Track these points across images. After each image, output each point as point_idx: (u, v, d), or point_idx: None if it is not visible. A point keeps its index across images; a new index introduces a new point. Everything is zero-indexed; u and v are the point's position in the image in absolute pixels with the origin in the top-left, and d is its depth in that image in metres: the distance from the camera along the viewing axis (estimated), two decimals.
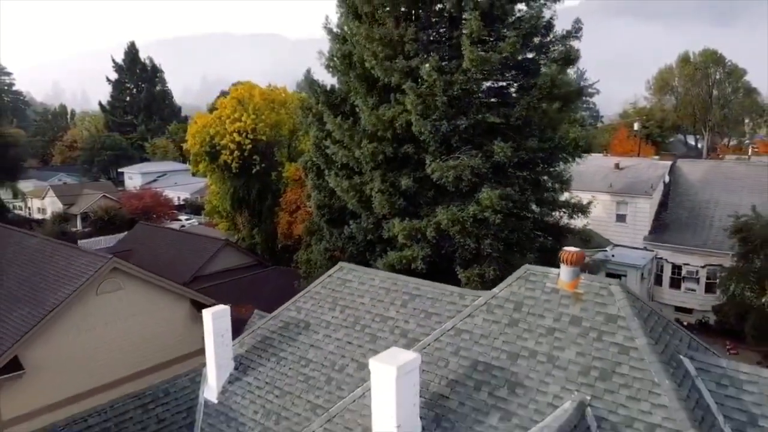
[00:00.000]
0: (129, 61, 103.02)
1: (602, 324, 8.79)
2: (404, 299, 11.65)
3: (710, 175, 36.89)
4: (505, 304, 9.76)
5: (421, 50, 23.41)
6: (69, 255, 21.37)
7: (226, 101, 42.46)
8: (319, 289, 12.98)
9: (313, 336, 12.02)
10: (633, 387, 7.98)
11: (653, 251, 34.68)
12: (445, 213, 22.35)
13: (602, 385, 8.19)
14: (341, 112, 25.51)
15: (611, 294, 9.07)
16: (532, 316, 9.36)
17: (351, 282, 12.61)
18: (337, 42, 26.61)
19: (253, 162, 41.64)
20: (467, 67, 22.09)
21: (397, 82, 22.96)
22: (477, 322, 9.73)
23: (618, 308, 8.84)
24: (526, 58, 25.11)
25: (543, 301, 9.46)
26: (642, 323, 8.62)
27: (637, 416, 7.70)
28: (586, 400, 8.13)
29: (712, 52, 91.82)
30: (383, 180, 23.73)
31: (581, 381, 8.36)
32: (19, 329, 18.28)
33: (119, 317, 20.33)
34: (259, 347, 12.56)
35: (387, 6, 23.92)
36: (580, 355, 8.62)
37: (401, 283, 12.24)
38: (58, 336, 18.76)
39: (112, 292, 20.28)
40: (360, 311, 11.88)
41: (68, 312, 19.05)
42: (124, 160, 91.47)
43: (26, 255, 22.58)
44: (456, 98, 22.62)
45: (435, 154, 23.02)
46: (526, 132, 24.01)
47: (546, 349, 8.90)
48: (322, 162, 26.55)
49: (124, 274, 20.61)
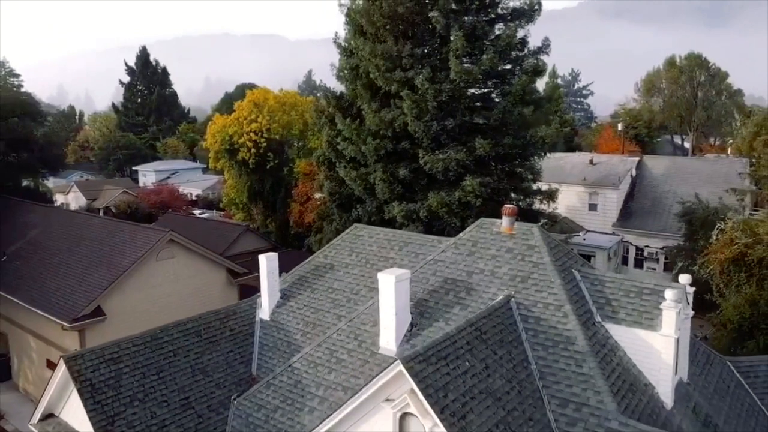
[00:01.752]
0: (141, 65, 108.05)
1: (525, 250, 13.75)
2: (400, 245, 16.67)
3: (671, 169, 41.96)
4: (466, 243, 14.74)
5: (415, 63, 28.37)
6: (131, 230, 26.46)
7: (244, 104, 47.41)
8: (339, 242, 18.01)
9: (336, 273, 17.01)
10: (538, 285, 12.93)
11: (620, 236, 39.72)
12: (436, 197, 27.44)
13: (521, 285, 13.14)
14: (349, 114, 30.55)
15: (532, 233, 14.08)
16: (483, 249, 14.34)
17: (363, 236, 17.64)
18: (345, 55, 31.68)
19: (267, 158, 46.60)
20: (454, 78, 27.16)
21: (396, 90, 27.98)
22: (447, 255, 14.73)
23: (535, 241, 13.82)
24: (505, 69, 30.18)
25: (490, 239, 14.44)
26: (549, 250, 13.58)
27: (539, 300, 12.66)
28: (511, 294, 13.08)
29: (696, 56, 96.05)
30: (384, 171, 28.75)
31: (509, 284, 13.31)
32: (100, 285, 23.33)
33: (172, 278, 25.29)
34: (296, 283, 17.54)
35: (387, 26, 28.88)
36: (510, 269, 13.58)
37: (398, 235, 17.31)
38: (129, 291, 23.76)
39: (167, 259, 25.32)
40: (369, 255, 16.86)
41: (136, 273, 24.07)
42: (137, 158, 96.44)
43: (94, 232, 27.63)
44: (445, 103, 27.66)
45: (427, 149, 28.08)
46: (503, 131, 29.05)
47: (490, 267, 13.87)
48: (333, 156, 31.59)
49: (177, 245, 25.67)
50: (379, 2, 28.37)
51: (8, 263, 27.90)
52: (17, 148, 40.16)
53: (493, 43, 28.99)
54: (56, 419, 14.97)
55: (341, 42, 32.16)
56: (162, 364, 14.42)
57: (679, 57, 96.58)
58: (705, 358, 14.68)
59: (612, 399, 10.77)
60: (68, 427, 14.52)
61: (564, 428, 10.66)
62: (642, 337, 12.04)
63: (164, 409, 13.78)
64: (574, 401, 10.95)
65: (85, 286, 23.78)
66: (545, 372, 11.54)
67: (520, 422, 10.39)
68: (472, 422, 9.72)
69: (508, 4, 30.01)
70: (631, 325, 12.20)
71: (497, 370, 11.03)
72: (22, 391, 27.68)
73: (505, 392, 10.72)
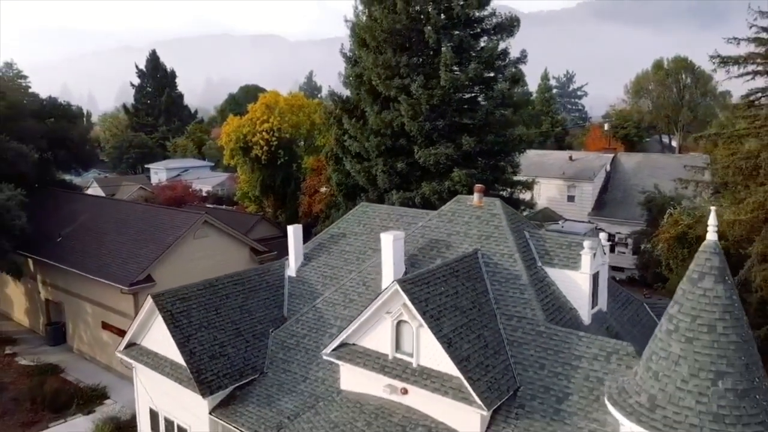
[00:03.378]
0: (151, 68, 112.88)
1: (489, 218, 18.54)
2: (397, 217, 21.48)
3: (641, 165, 46.83)
4: (447, 213, 19.53)
5: (411, 72, 33.16)
6: (171, 214, 31.31)
7: (257, 106, 52.16)
8: (349, 217, 22.85)
9: (347, 239, 21.81)
10: (498, 240, 17.68)
11: (594, 224, 44.55)
12: (428, 186, 32.28)
13: (485, 241, 17.91)
14: (354, 115, 35.39)
15: (495, 205, 18.88)
16: (459, 217, 19.14)
17: (368, 212, 22.48)
18: (350, 64, 36.52)
19: (278, 155, 51.34)
20: (444, 85, 31.99)
21: (395, 95, 32.81)
22: (433, 222, 19.54)
23: (497, 211, 18.63)
24: (488, 76, 35.03)
25: (464, 210, 19.22)
26: (506, 217, 18.34)
27: (497, 251, 17.43)
28: (478, 248, 17.86)
29: (682, 59, 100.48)
30: (384, 164, 33.58)
31: (477, 241, 18.07)
32: (149, 257, 28.15)
33: (206, 254, 29.96)
34: (316, 248, 22.32)
35: (387, 40, 33.66)
36: (478, 231, 18.34)
37: (396, 210, 22.18)
38: (172, 262, 28.50)
39: (202, 238, 30.13)
40: (373, 225, 21.65)
41: (178, 248, 28.87)
42: (149, 157, 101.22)
43: (138, 216, 32.47)
44: (436, 106, 32.50)
45: (421, 145, 32.92)
46: (487, 130, 33.94)
47: (464, 230, 18.65)
48: (340, 152, 36.43)
49: (210, 226, 30.50)
50: (380, 20, 33.22)
51: (64, 243, 32.72)
52: (55, 146, 44.90)
53: (478, 54, 33.88)
54: (137, 346, 19.82)
55: (347, 52, 37.05)
56: (218, 303, 19.25)
57: (667, 60, 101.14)
58: (625, 299, 19.56)
59: (543, 314, 15.60)
60: (148, 350, 19.37)
61: (509, 333, 15.49)
62: (568, 275, 16.89)
63: (222, 334, 18.61)
64: (517, 316, 15.78)
65: (136, 258, 28.60)
66: (498, 298, 16.36)
67: (478, 327, 15.22)
68: (444, 323, 14.53)
69: (492, 21, 34.94)
70: (561, 267, 17.04)
71: (464, 294, 15.86)
72: (76, 352, 32.50)
73: (469, 308, 15.54)
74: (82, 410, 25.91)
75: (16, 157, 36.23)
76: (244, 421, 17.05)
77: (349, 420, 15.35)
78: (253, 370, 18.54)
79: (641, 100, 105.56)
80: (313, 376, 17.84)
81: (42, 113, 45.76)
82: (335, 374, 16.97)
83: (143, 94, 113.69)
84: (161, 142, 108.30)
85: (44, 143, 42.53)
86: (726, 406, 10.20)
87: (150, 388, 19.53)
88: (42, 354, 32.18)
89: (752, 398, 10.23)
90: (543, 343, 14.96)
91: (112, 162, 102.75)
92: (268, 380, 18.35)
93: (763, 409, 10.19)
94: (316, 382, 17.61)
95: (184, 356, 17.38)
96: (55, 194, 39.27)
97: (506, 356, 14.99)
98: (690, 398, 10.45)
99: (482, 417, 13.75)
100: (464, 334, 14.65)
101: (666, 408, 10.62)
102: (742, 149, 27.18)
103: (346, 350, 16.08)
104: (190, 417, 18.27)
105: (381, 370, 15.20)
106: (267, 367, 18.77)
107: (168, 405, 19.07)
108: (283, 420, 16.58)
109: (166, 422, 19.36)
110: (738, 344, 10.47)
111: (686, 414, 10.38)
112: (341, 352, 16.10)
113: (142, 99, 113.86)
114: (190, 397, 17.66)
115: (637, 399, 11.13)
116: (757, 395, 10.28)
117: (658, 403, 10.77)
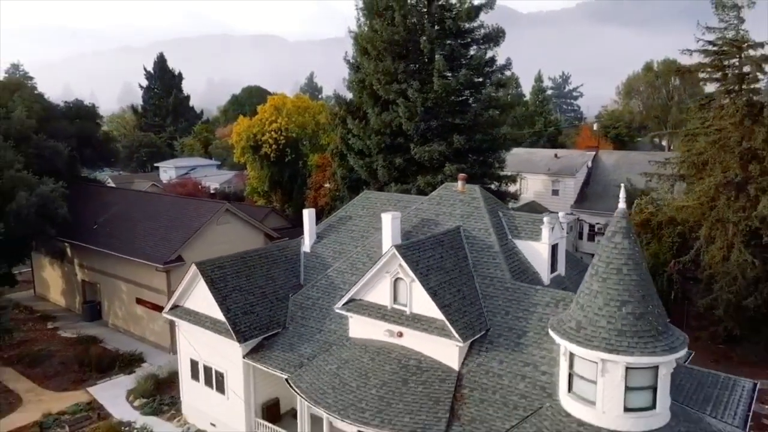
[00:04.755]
0: (159, 70, 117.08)
1: (470, 200, 22.64)
2: (395, 202, 25.61)
3: (620, 161, 50.96)
4: (435, 197, 23.64)
5: (408, 78, 37.28)
6: (197, 203, 35.48)
7: (266, 108, 56.32)
8: (354, 202, 26.99)
9: (353, 221, 25.93)
10: (476, 218, 21.80)
11: (576, 215, 48.69)
12: (423, 180, 36.40)
13: (466, 220, 22.01)
14: (357, 116, 39.52)
15: (475, 191, 23.01)
16: (445, 200, 23.24)
17: (370, 198, 26.64)
18: (353, 70, 40.68)
19: (285, 153, 55.50)
20: (437, 89, 36.12)
21: (393, 98, 36.94)
22: (424, 205, 23.66)
23: (476, 195, 22.77)
24: (477, 81, 39.18)
25: (450, 194, 23.33)
26: (484, 200, 22.45)
27: (476, 227, 21.55)
28: (461, 225, 21.99)
29: (671, 61, 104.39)
30: (384, 160, 37.71)
31: (460, 220, 22.13)
32: (180, 240, 32.26)
33: (227, 239, 33.92)
34: (327, 228, 26.41)
35: (386, 49, 37.77)
36: (461, 211, 22.43)
37: (394, 196, 26.37)
38: (198, 246, 32.53)
39: (224, 224, 34.24)
40: (375, 208, 25.73)
41: (204, 232, 32.96)
42: (157, 156, 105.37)
43: (167, 206, 36.62)
44: (430, 108, 36.64)
45: (417, 143, 37.05)
46: (475, 129, 38.09)
47: (449, 210, 22.76)
48: (344, 149, 40.58)
49: (231, 214, 34.63)
50: (380, 31, 37.37)
51: (100, 230, 36.86)
52: (82, 145, 48.98)
53: (468, 62, 38.04)
54: (180, 308, 23.99)
55: (350, 59, 41.21)
56: (247, 272, 23.39)
57: (656, 62, 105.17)
58: (583, 268, 23.69)
59: (510, 275, 19.75)
60: (190, 310, 23.53)
61: (483, 288, 19.61)
62: (532, 245, 21.05)
63: (251, 296, 22.76)
64: (489, 276, 19.92)
65: (167, 242, 32.73)
66: (475, 262, 20.51)
67: (458, 283, 19.35)
68: (431, 279, 18.67)
69: (480, 32, 39.10)
70: (526, 239, 21.20)
71: (448, 259, 20.00)
72: (111, 326, 36.64)
73: (451, 269, 19.68)
74: (123, 371, 30.07)
75: (53, 154, 40.37)
76: (271, 363, 21.22)
77: (357, 357, 19.51)
78: (277, 325, 22.71)
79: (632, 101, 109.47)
80: (327, 328, 22.00)
81: (69, 114, 49.87)
82: (344, 326, 21.11)
83: (151, 95, 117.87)
84: (169, 142, 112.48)
85: (74, 142, 46.63)
86: (627, 324, 14.34)
87: (192, 341, 23.69)
88: (80, 328, 36.34)
89: (646, 319, 14.37)
90: (509, 295, 19.13)
91: (122, 161, 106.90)
92: (289, 333, 22.51)
93: (653, 327, 14.33)
94: (329, 332, 21.77)
95: (223, 312, 21.54)
96: (87, 188, 43.43)
97: (480, 306, 19.15)
98: (603, 320, 14.59)
99: (460, 349, 17.91)
100: (447, 288, 18.81)
101: (587, 328, 14.75)
102: (695, 146, 31.41)
103: (354, 304, 20.24)
104: (227, 363, 22.44)
105: (382, 317, 19.35)
106: (288, 323, 22.93)
107: (207, 354, 23.22)
108: (303, 360, 20.76)
109: (205, 369, 23.51)
110: (637, 281, 14.62)
111: (600, 331, 14.51)
112: (350, 306, 20.26)
113: (150, 99, 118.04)
114: (227, 345, 21.82)
115: (569, 325, 15.27)
116: (650, 317, 14.42)
117: (582, 325, 14.90)
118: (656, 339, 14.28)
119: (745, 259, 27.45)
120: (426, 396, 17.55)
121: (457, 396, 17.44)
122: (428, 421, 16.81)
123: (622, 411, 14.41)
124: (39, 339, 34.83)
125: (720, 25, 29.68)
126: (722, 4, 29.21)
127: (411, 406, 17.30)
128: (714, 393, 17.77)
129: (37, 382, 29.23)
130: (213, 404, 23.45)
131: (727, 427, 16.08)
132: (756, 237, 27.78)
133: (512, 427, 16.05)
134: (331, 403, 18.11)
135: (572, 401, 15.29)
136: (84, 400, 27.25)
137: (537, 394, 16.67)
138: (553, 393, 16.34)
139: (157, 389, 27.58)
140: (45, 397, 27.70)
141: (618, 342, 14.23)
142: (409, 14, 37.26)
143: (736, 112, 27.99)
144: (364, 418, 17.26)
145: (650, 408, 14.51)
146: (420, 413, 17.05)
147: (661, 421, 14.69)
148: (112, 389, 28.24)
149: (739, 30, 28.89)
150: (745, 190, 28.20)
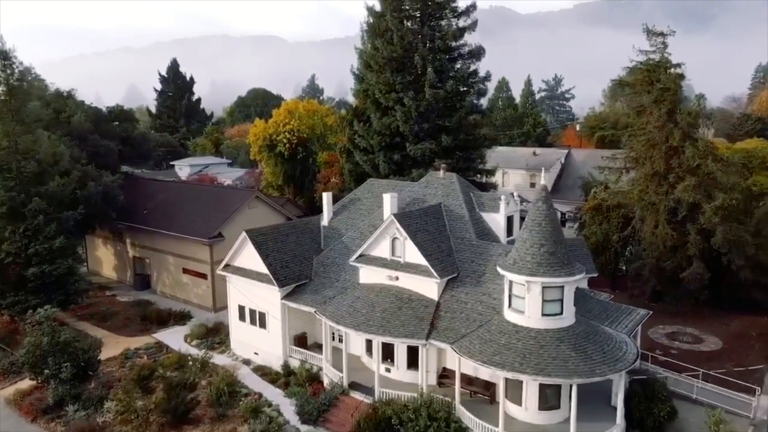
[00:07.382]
0: (172, 74, 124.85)
1: (449, 184, 30.24)
2: (393, 187, 33.28)
3: (588, 158, 58.69)
4: (423, 182, 31.33)
5: (404, 88, 44.97)
6: (231, 191, 43.31)
7: (281, 111, 64.02)
8: (361, 188, 34.82)
9: (361, 201, 33.67)
10: (453, 197, 29.34)
11: None
12: (417, 172, 44.11)
13: (445, 198, 29.53)
14: (362, 120, 47.29)
15: (453, 177, 30.68)
16: (431, 184, 30.85)
17: (374, 184, 34.46)
18: (358, 80, 48.48)
19: (297, 151, 63.20)
20: (428, 98, 43.89)
21: (392, 105, 44.71)
22: (414, 188, 31.33)
23: (453, 180, 30.45)
24: (462, 90, 46.94)
25: (434, 180, 30.97)
26: (459, 184, 30.12)
27: (452, 203, 29.08)
28: (441, 202, 29.66)
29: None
30: (385, 156, 45.48)
31: (441, 198, 29.77)
32: (220, 220, 40.01)
33: (256, 221, 41.52)
34: (341, 207, 34.09)
35: (386, 64, 45.47)
36: (442, 192, 30.03)
37: (393, 182, 34.21)
38: (233, 227, 39.99)
39: (254, 208, 42.00)
40: (377, 192, 33.32)
41: (237, 215, 40.67)
42: (173, 155, 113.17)
43: (206, 194, 44.41)
44: (423, 113, 44.42)
45: (412, 142, 44.83)
46: (460, 130, 45.85)
47: (433, 192, 30.39)
48: (351, 147, 48.37)
49: (259, 200, 42.43)
50: (381, 49, 45.09)
51: (150, 213, 44.60)
52: (123, 144, 56.66)
53: (455, 74, 45.80)
54: (231, 266, 31.78)
55: (356, 72, 49.01)
56: (282, 239, 31.16)
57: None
58: None
59: (475, 236, 27.50)
60: (238, 268, 31.32)
61: (456, 245, 27.37)
62: (493, 216, 28.83)
63: (285, 256, 30.53)
64: (461, 237, 27.67)
65: (208, 222, 40.46)
66: (451, 227, 28.25)
67: (438, 241, 27.09)
68: (418, 236, 26.40)
69: (465, 49, 46.87)
70: (489, 211, 28.97)
71: (431, 225, 27.73)
72: (159, 293, 44.36)
73: (433, 231, 27.42)
74: (177, 323, 37.81)
75: (107, 152, 48.17)
76: (302, 302, 29.03)
77: (365, 295, 27.28)
78: (305, 277, 30.50)
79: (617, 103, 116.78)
80: (343, 278, 29.77)
81: (112, 117, 57.61)
82: (356, 276, 28.84)
83: (165, 98, 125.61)
84: (182, 142, 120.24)
85: (118, 141, 54.38)
86: (544, 259, 22.10)
87: (240, 290, 31.44)
88: (134, 295, 44.06)
89: (556, 256, 22.16)
90: (474, 249, 26.94)
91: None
92: (314, 283, 30.29)
93: (561, 260, 22.11)
94: (344, 281, 29.54)
95: (266, 265, 29.34)
96: (135, 180, 51.20)
97: (453, 257, 26.94)
98: (529, 257, 22.34)
99: (438, 285, 25.69)
100: (430, 244, 26.59)
101: (519, 262, 22.51)
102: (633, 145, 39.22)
103: (363, 258, 28.02)
104: (267, 305, 30.22)
105: (383, 266, 27.14)
106: (313, 276, 30.72)
107: (252, 299, 30.98)
108: (326, 299, 28.54)
109: (250, 311, 31.27)
110: (551, 231, 22.40)
111: (527, 264, 22.27)
112: (360, 260, 28.04)
113: (164, 103, 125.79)
114: (268, 291, 29.60)
115: (509, 261, 23.02)
116: (559, 254, 22.21)
117: (515, 260, 22.66)
118: (562, 268, 22.07)
119: (666, 232, 35.20)
120: (414, 317, 25.35)
121: (435, 315, 25.25)
122: (415, 331, 24.61)
123: (541, 316, 22.20)
124: (102, 302, 42.56)
125: (650, 48, 37.48)
126: (651, 31, 37.02)
127: (404, 322, 25.11)
128: (614, 315, 25.58)
129: (111, 331, 36.98)
130: (256, 338, 31.22)
131: (615, 333, 23.86)
132: (674, 215, 35.54)
133: (471, 331, 23.83)
134: (349, 323, 25.92)
135: (511, 313, 23.09)
136: (152, 342, 35.02)
137: (489, 313, 24.46)
138: (500, 311, 24.11)
139: (207, 334, 35.32)
140: (120, 340, 35.46)
141: (537, 269, 22.03)
142: (405, 35, 45.01)
143: (660, 118, 35.75)
144: (372, 330, 25.06)
145: (559, 314, 22.31)
146: (410, 326, 24.87)
147: (567, 323, 22.48)
148: (172, 335, 36.00)
149: (664, 54, 36.67)
150: (667, 179, 35.97)
